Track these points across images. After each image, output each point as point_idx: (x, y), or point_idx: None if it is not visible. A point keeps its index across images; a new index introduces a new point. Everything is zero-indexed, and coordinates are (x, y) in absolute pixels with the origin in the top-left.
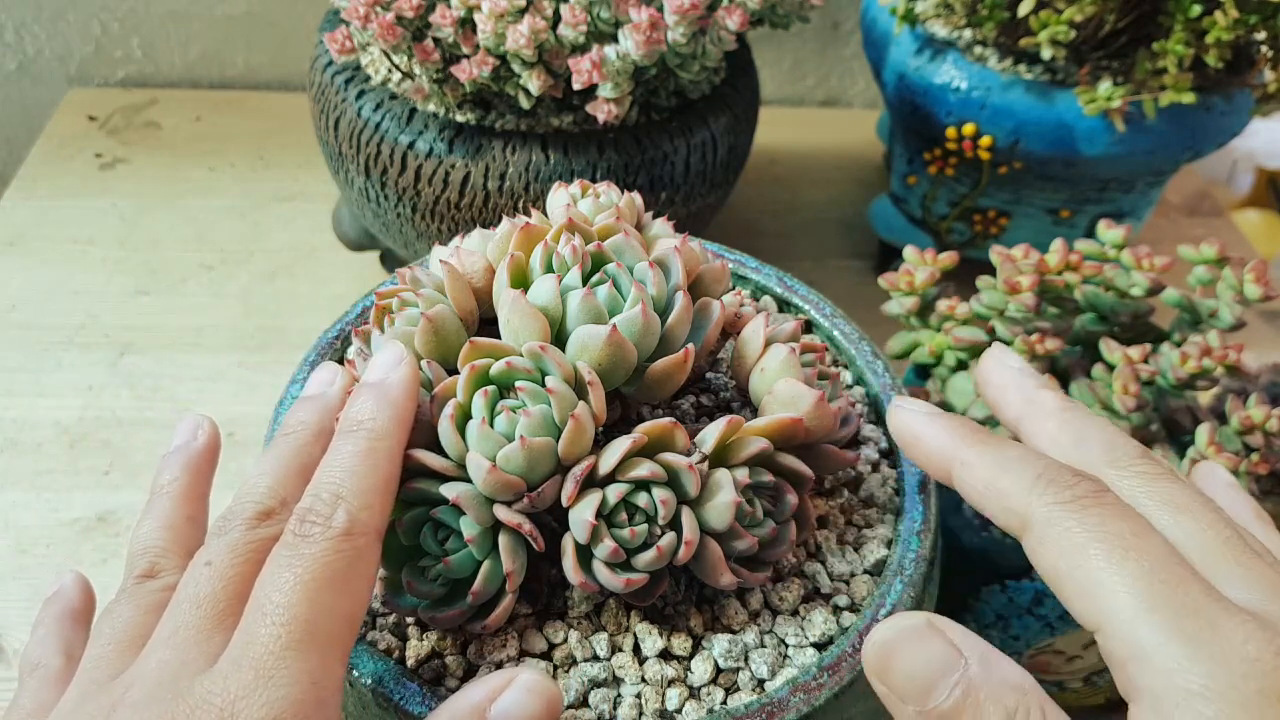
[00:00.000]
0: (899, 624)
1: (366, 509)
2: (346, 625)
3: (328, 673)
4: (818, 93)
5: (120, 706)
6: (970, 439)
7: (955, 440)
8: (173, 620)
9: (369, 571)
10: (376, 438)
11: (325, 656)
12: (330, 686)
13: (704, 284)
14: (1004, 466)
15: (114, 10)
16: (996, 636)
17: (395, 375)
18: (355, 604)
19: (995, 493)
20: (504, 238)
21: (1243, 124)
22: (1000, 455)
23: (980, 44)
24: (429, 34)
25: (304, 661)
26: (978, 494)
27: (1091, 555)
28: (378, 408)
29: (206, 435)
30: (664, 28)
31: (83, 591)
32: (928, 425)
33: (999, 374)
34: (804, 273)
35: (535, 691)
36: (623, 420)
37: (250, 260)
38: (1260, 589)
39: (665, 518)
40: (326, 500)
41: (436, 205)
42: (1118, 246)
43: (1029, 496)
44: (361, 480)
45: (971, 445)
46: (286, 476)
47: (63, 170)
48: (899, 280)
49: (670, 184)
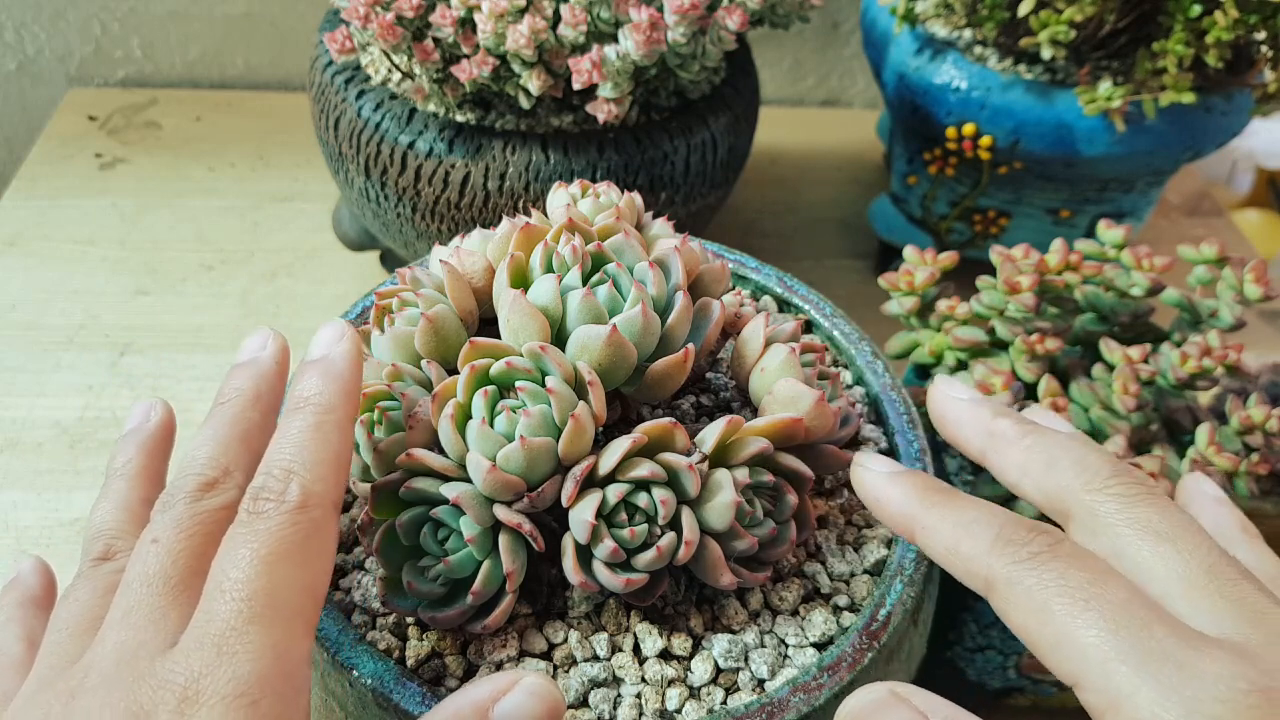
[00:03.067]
0: (864, 696)
1: (320, 481)
2: (309, 598)
3: (292, 645)
4: (818, 93)
5: (80, 693)
6: (929, 500)
7: (914, 504)
8: (125, 601)
9: (328, 544)
10: (324, 411)
11: (289, 629)
12: (295, 659)
13: (704, 284)
14: (964, 529)
15: (114, 10)
16: (996, 636)
17: (338, 350)
18: (316, 577)
19: (958, 557)
20: (504, 238)
21: (1243, 124)
22: (959, 517)
23: (980, 44)
24: (429, 34)
25: (267, 635)
26: (941, 559)
27: (1055, 611)
28: (323, 382)
29: (160, 417)
30: (664, 28)
31: (42, 576)
32: (888, 487)
33: (951, 409)
34: (804, 273)
35: (539, 695)
36: (623, 420)
37: (250, 260)
38: (1240, 618)
39: (665, 518)
40: (278, 476)
41: (436, 205)
42: (1118, 246)
43: (989, 559)
44: (313, 454)
45: (930, 508)
46: (226, 444)
47: (63, 170)
48: (899, 280)
49: (670, 184)
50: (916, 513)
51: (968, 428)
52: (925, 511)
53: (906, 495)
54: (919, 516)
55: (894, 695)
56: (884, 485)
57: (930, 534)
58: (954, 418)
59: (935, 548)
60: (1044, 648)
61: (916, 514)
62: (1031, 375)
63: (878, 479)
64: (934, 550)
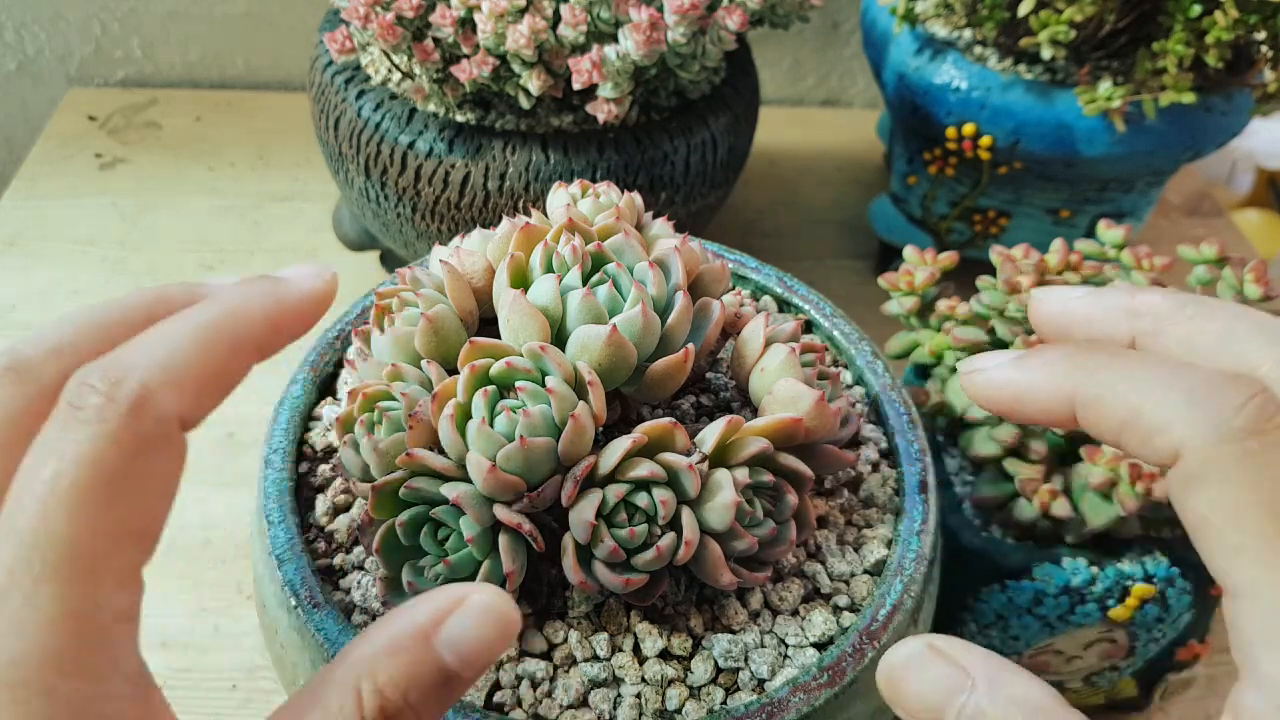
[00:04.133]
0: (902, 650)
1: (171, 387)
2: (131, 543)
3: (102, 603)
4: (818, 93)
5: None
6: (1087, 366)
7: (1071, 376)
8: None
9: (165, 473)
10: (227, 316)
11: (97, 583)
12: (104, 620)
13: (704, 284)
14: (1144, 390)
15: (114, 10)
16: (996, 637)
17: (302, 279)
18: (143, 513)
19: (1137, 430)
20: (504, 238)
21: (1243, 124)
22: (1133, 377)
23: (980, 44)
24: (429, 34)
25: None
26: (1113, 435)
27: (1250, 520)
28: (252, 292)
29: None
30: (664, 28)
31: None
32: (1024, 373)
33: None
34: (804, 273)
35: (490, 613)
36: (623, 420)
37: (250, 260)
38: None
39: (665, 518)
40: (120, 365)
41: (436, 205)
42: (1118, 246)
43: (1182, 429)
44: (177, 353)
45: (1092, 373)
46: (75, 330)
47: (63, 170)
48: (899, 280)
49: (670, 184)
50: (1077, 385)
51: (1103, 319)
52: (1088, 380)
53: (1054, 371)
54: (1081, 389)
55: (933, 650)
56: (1017, 375)
57: (1098, 408)
58: (1083, 315)
59: (1106, 423)
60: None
61: (1078, 387)
62: None
63: (1003, 373)
64: (1105, 427)
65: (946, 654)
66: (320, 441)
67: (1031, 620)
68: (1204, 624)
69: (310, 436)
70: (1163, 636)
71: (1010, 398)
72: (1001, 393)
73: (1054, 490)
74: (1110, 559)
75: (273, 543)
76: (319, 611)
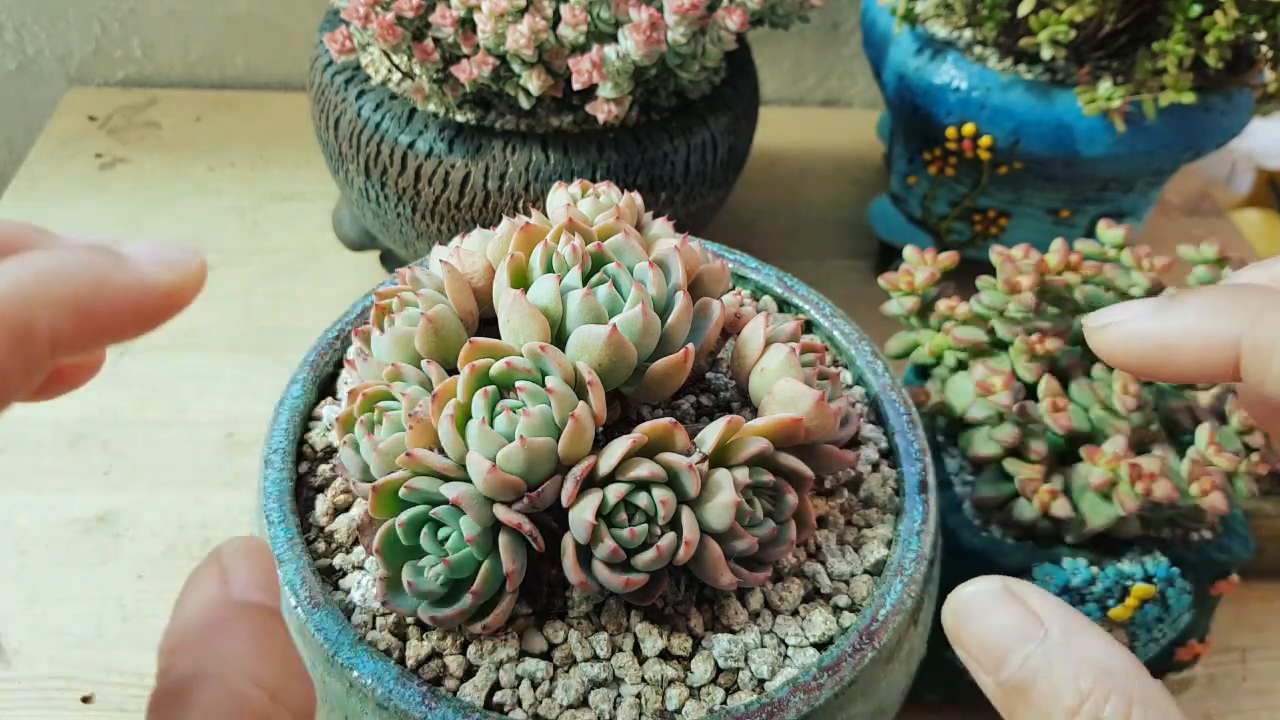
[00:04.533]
0: (973, 588)
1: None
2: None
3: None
4: (818, 93)
5: None
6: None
7: (1235, 321)
8: None
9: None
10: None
11: None
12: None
13: (704, 284)
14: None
15: (114, 10)
16: None
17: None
18: None
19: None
20: (504, 238)
21: (1243, 124)
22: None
23: (980, 44)
24: (429, 34)
25: None
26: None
27: None
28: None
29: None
30: (664, 28)
31: None
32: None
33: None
34: (804, 273)
35: None
36: (623, 420)
37: (250, 260)
38: None
39: (665, 518)
40: None
41: (436, 205)
42: (1118, 246)
43: None
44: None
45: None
46: None
47: (63, 170)
48: (899, 280)
49: (670, 184)
50: (1245, 328)
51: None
52: (1258, 321)
53: (1212, 315)
54: (1250, 333)
55: (1008, 591)
56: (1164, 323)
57: (1272, 352)
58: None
59: None
60: None
61: (1245, 331)
62: (1031, 375)
63: (1145, 323)
64: None
65: (1021, 597)
66: (320, 441)
67: None
68: (1204, 624)
69: (310, 436)
70: (1163, 636)
71: (1157, 350)
72: (1145, 345)
73: (1054, 490)
74: (1110, 559)
75: (273, 543)
76: (319, 611)
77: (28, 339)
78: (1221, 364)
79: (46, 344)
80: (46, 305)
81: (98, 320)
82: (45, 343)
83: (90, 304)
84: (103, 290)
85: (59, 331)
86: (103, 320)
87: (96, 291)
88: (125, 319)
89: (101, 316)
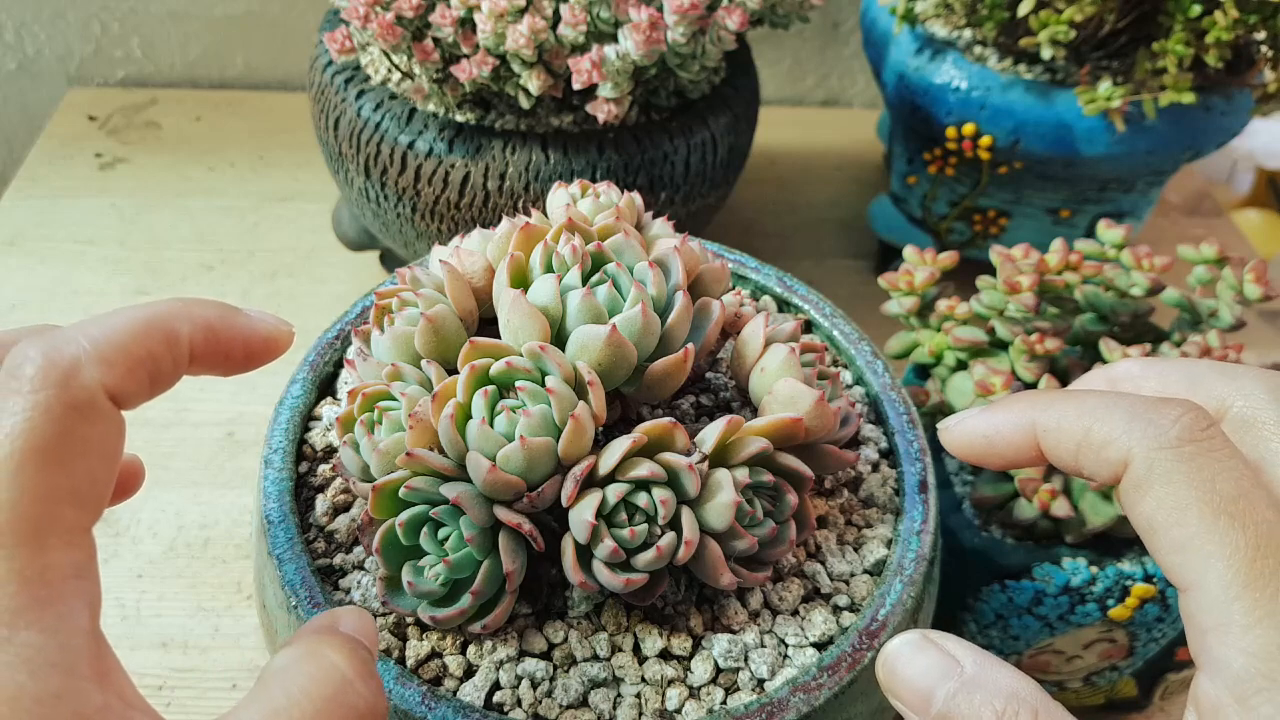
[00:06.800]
0: (898, 641)
1: (100, 361)
2: (73, 504)
3: (49, 566)
4: (818, 93)
5: None
6: (1041, 403)
7: (1031, 412)
8: None
9: (102, 438)
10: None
11: (41, 547)
12: (54, 580)
13: (704, 284)
14: (1090, 414)
15: (114, 10)
16: (996, 636)
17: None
18: (83, 478)
19: (1089, 448)
20: (504, 238)
21: (1243, 124)
22: (1082, 406)
23: (980, 44)
24: (429, 34)
25: (10, 555)
26: (1069, 461)
27: (1192, 515)
28: (207, 304)
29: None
30: (664, 28)
31: None
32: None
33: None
34: (804, 273)
35: None
36: (623, 420)
37: (250, 260)
38: None
39: (665, 518)
40: (56, 339)
41: (436, 205)
42: (1118, 246)
43: (1127, 439)
44: (110, 333)
45: (1048, 407)
46: None
47: (63, 170)
48: (899, 280)
49: (670, 184)
50: (1035, 418)
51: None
52: (1045, 412)
53: (1016, 412)
54: (1040, 420)
55: (926, 639)
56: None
57: (1055, 435)
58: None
59: (1064, 447)
60: (1162, 544)
61: (1036, 419)
62: (1031, 375)
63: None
64: (1062, 452)
65: (938, 644)
66: (320, 441)
67: (1031, 620)
68: None
69: (310, 436)
70: (1163, 636)
71: (984, 443)
72: (974, 440)
73: (1054, 490)
74: (1110, 559)
75: (273, 543)
76: (319, 611)
77: (177, 342)
78: (1030, 450)
79: (186, 350)
80: (189, 321)
81: (221, 344)
82: (186, 349)
83: (218, 330)
84: (227, 324)
85: (196, 343)
86: (224, 345)
87: (223, 323)
88: (238, 349)
89: (224, 342)
